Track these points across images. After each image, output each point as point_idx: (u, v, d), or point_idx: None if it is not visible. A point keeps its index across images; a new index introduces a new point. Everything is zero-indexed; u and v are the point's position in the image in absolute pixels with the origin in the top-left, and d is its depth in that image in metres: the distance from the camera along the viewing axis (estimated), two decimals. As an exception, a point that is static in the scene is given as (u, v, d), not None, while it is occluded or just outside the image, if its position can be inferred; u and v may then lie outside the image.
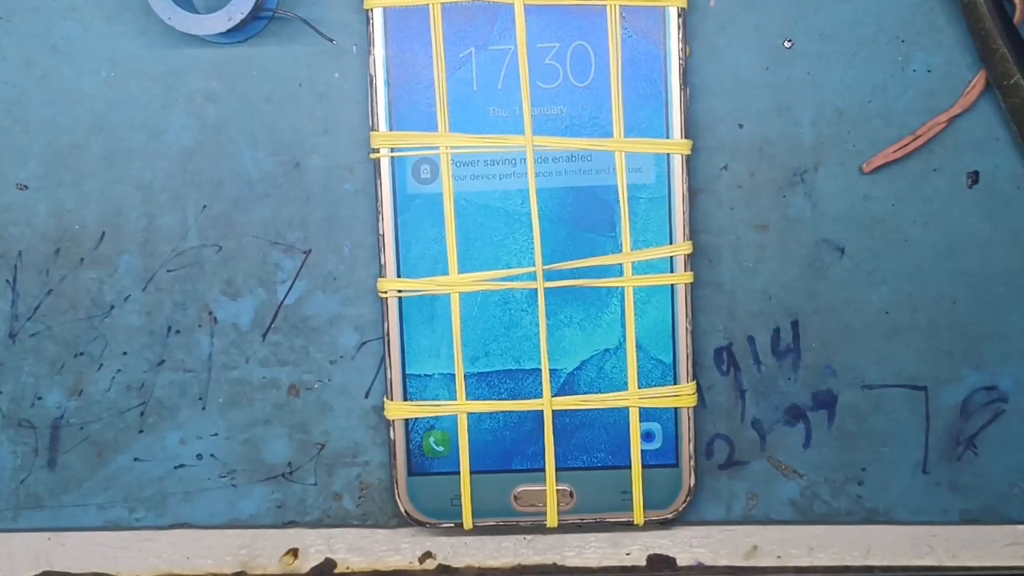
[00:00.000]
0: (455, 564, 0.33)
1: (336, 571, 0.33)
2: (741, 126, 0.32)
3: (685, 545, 0.33)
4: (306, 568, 0.33)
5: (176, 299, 0.32)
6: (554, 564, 0.33)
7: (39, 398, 0.33)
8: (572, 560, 0.33)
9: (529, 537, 0.33)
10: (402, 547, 0.33)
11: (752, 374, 0.32)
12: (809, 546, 0.33)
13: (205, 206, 0.32)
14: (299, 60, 0.32)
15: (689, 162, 0.31)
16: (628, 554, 0.33)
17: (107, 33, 0.32)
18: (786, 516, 0.33)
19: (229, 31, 0.30)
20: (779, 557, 0.33)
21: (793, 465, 0.32)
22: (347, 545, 0.33)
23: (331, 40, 0.32)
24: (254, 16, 0.31)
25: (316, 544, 0.33)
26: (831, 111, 0.31)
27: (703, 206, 0.32)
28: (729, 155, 0.32)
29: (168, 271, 0.33)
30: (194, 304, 0.32)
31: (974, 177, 0.32)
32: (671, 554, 0.33)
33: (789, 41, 0.32)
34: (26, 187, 0.33)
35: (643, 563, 0.33)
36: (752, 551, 0.33)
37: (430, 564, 0.33)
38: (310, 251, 0.32)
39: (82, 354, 0.33)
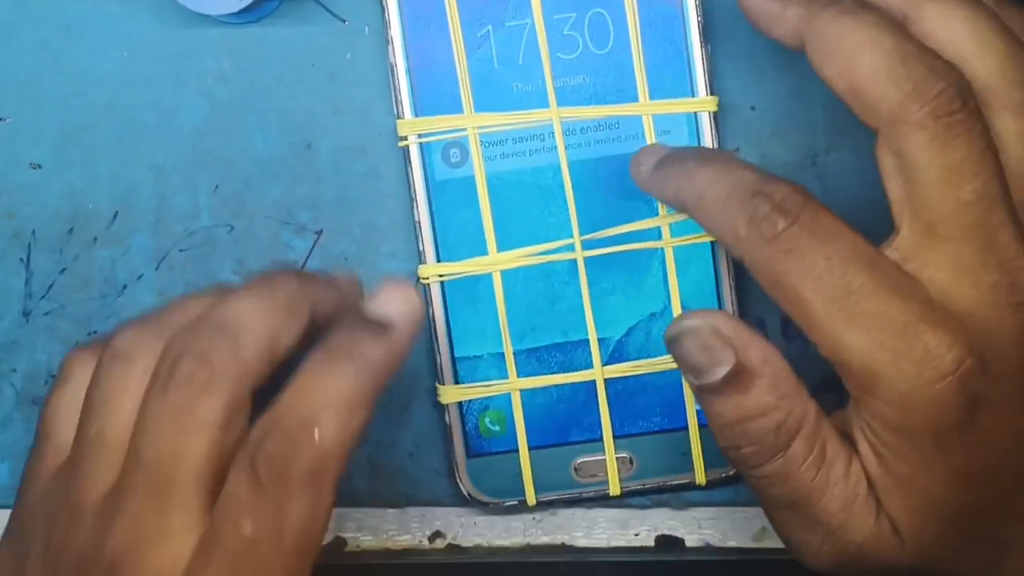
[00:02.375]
0: (464, 544, 0.33)
1: (346, 550, 0.33)
2: (753, 108, 0.32)
3: (694, 526, 0.33)
4: (316, 547, 0.33)
5: (188, 278, 0.33)
6: (563, 544, 0.33)
7: (52, 376, 0.33)
8: (581, 540, 0.33)
9: (538, 517, 0.33)
10: (412, 527, 0.33)
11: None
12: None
13: (217, 186, 0.33)
14: (311, 41, 0.32)
15: (717, 119, 0.31)
16: (636, 535, 0.33)
17: (120, 13, 0.32)
18: (794, 498, 0.33)
19: (241, 11, 0.31)
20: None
21: (802, 448, 0.32)
22: (357, 524, 0.33)
23: (343, 21, 0.32)
24: (266, -4, 0.31)
25: (326, 523, 0.33)
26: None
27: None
28: (741, 137, 0.32)
29: (180, 251, 0.33)
30: (206, 283, 0.33)
31: (986, 160, 0.32)
32: (679, 535, 0.33)
33: (802, 23, 0.32)
34: (39, 167, 0.33)
35: (651, 544, 0.33)
36: (761, 533, 0.33)
37: (440, 543, 0.33)
38: (321, 231, 0.33)
39: (95, 332, 0.33)
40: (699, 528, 0.33)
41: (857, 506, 0.25)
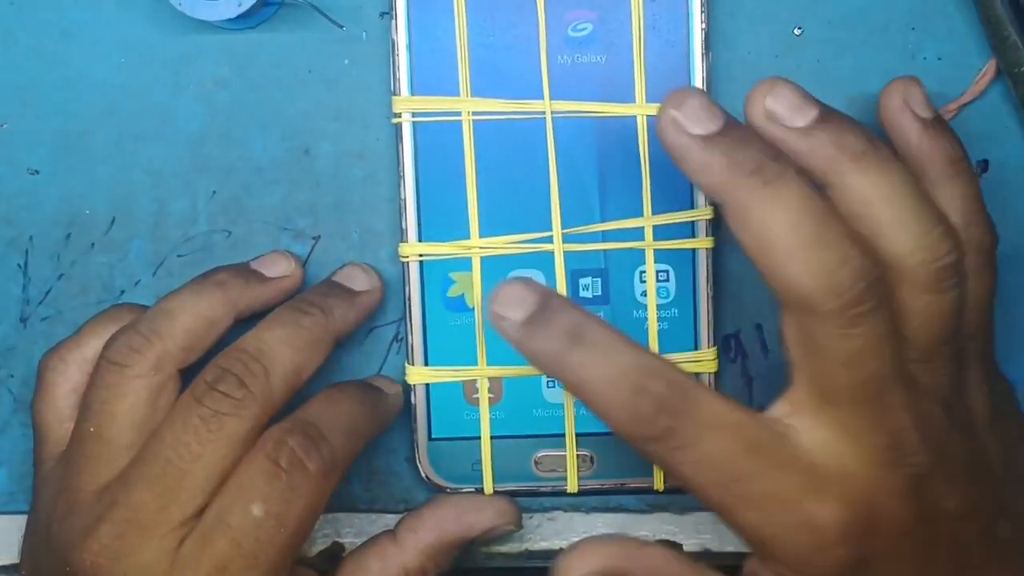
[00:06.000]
0: (463, 549, 0.33)
1: (344, 555, 0.33)
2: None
3: (692, 531, 0.33)
4: (313, 551, 0.33)
5: (186, 284, 0.33)
6: (561, 549, 0.33)
7: (50, 382, 0.33)
8: (579, 546, 0.33)
9: (536, 523, 0.33)
10: (410, 532, 0.33)
11: (759, 361, 0.32)
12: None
13: (215, 192, 0.33)
14: (309, 46, 0.32)
15: None
16: (635, 540, 0.33)
17: (117, 19, 0.32)
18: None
19: (239, 17, 0.31)
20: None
21: (800, 452, 0.32)
22: (355, 529, 0.33)
23: (341, 26, 0.32)
24: (264, 2, 0.31)
25: (323, 528, 0.33)
26: (841, 99, 0.31)
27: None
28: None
29: (178, 256, 0.33)
30: (204, 289, 0.33)
31: (983, 166, 0.32)
32: (678, 540, 0.33)
33: (799, 28, 0.32)
34: (37, 172, 0.33)
35: (650, 549, 0.33)
36: (758, 538, 0.33)
37: (438, 549, 0.33)
38: (319, 237, 0.33)
39: (93, 338, 0.33)
40: (697, 533, 0.33)
41: None
